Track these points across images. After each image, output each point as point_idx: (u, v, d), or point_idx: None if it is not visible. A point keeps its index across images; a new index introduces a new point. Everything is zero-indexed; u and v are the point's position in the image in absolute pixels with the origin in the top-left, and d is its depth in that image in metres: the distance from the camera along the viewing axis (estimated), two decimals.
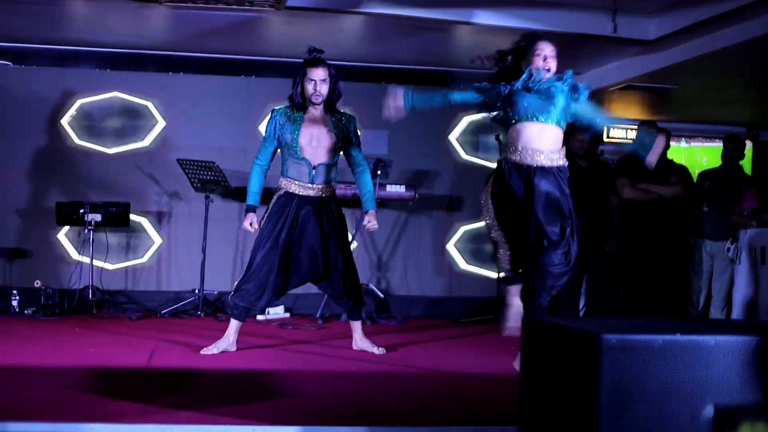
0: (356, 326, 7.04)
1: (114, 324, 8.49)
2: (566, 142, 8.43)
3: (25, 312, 8.96)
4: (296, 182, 6.70)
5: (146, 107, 10.02)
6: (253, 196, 6.76)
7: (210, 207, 9.29)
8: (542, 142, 5.72)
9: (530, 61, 5.83)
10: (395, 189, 9.58)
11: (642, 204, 8.43)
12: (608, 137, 11.72)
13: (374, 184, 8.96)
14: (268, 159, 6.81)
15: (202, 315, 9.11)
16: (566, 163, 5.85)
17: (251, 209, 6.71)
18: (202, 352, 6.63)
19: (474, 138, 10.51)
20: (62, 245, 9.71)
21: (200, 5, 7.66)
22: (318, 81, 6.58)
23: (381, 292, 9.87)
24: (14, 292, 9.14)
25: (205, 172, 9.16)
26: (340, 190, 9.15)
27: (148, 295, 9.75)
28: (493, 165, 6.70)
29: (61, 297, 9.13)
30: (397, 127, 9.22)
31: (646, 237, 8.43)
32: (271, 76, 10.09)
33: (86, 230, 9.18)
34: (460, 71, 10.19)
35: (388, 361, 6.58)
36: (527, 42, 5.91)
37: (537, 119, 5.73)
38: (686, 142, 12.31)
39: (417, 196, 9.70)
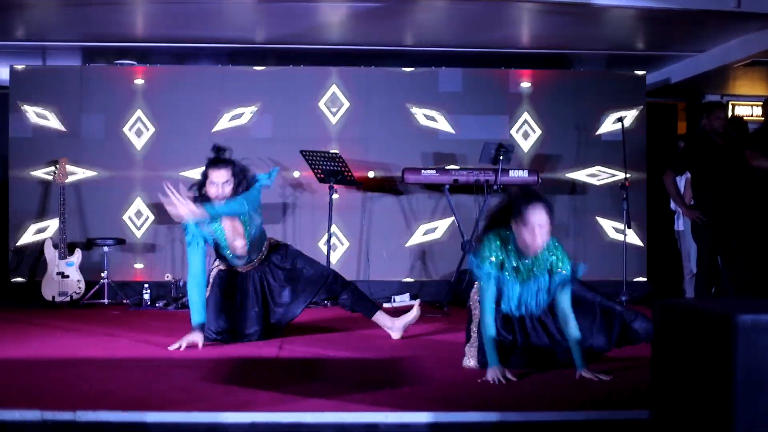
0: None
1: None
2: (706, 118, 8.31)
3: (157, 305, 9.17)
4: (233, 267, 6.94)
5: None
6: (197, 313, 6.48)
7: (333, 197, 9.36)
8: None
9: (519, 230, 5.34)
10: (518, 174, 9.49)
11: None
12: (733, 114, 11.47)
13: (497, 170, 8.96)
14: (202, 265, 6.57)
15: (328, 305, 9.18)
16: None
17: (198, 327, 6.44)
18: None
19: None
20: None
21: None
22: (220, 184, 6.43)
23: None
24: (145, 285, 9.36)
25: (328, 163, 9.23)
26: (462, 177, 9.17)
27: None
28: None
29: None
30: (518, 113, 9.18)
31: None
32: (389, 65, 10.14)
33: None
34: (579, 53, 10.12)
35: None
36: (518, 203, 5.34)
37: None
38: None
39: (540, 180, 9.62)
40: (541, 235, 5.27)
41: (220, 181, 6.43)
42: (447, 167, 9.79)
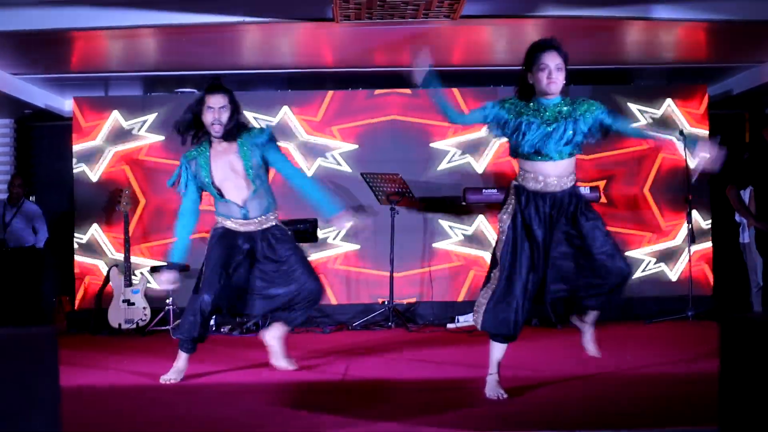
0: None
1: (308, 338, 8.66)
2: (762, 131, 8.20)
3: (222, 330, 9.23)
4: (231, 219, 6.36)
5: None
6: (178, 251, 6.39)
7: (395, 218, 9.37)
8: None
9: (536, 77, 5.30)
10: (580, 190, 9.41)
11: None
12: None
13: None
14: (193, 204, 6.36)
15: (392, 326, 9.20)
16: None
17: (173, 266, 6.34)
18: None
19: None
20: None
21: (376, 21, 7.75)
22: (216, 108, 6.13)
23: None
24: None
25: (389, 185, 9.25)
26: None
27: (339, 309, 9.92)
28: None
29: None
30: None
31: None
32: (445, 85, 10.14)
33: None
34: (638, 68, 10.06)
35: (574, 369, 6.50)
36: (528, 53, 5.37)
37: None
38: None
39: (602, 196, 9.56)
40: (557, 77, 5.26)
41: (217, 105, 6.12)
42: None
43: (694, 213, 9.46)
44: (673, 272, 10.23)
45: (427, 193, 10.03)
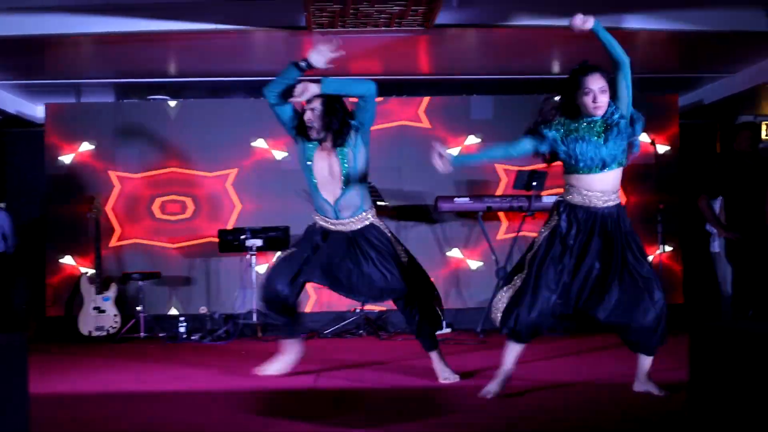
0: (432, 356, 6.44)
1: (279, 346, 8.64)
2: (732, 141, 8.29)
3: (193, 338, 9.21)
4: (324, 218, 6.34)
5: None
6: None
7: None
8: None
9: (581, 100, 5.49)
10: (552, 200, 9.46)
11: None
12: (767, 134, 11.42)
13: (530, 197, 8.97)
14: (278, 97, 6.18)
15: (364, 334, 9.20)
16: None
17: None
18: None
19: None
20: (225, 271, 9.97)
21: (349, 29, 7.76)
22: (308, 110, 6.13)
23: None
24: (181, 319, 9.40)
25: None
26: (495, 204, 9.18)
27: (310, 316, 9.90)
28: None
29: (226, 322, 9.35)
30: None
31: None
32: (421, 94, 10.17)
33: (248, 255, 9.40)
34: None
35: (545, 375, 6.52)
36: (573, 77, 5.57)
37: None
38: None
39: None
40: (601, 100, 5.45)
41: (309, 107, 6.10)
42: (480, 194, 9.81)
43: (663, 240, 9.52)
44: None
45: (399, 201, 10.03)
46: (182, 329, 9.31)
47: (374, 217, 6.35)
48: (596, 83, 5.45)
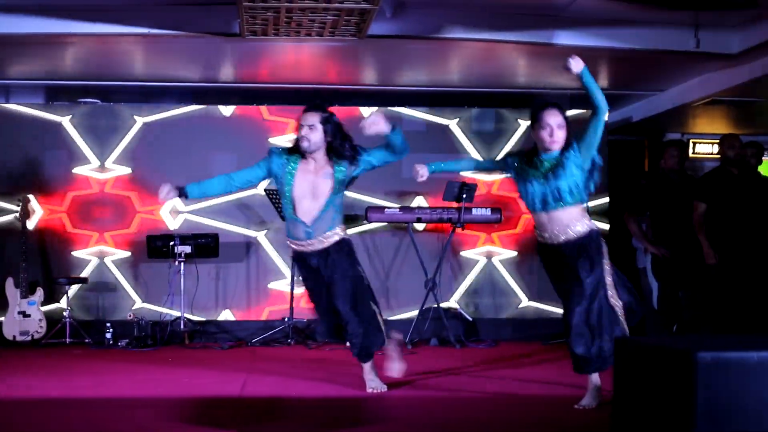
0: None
1: (206, 354, 8.61)
2: (660, 158, 8.42)
3: (119, 344, 9.11)
4: (296, 242, 6.33)
5: None
6: (193, 185, 6.21)
7: None
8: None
9: (537, 134, 5.57)
10: (481, 212, 9.57)
11: (724, 217, 8.23)
12: (693, 152, 11.60)
13: (460, 209, 9.04)
14: (244, 179, 6.33)
15: (292, 343, 9.18)
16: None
17: (181, 191, 6.16)
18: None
19: None
20: (155, 278, 9.88)
21: (282, 37, 7.75)
22: (306, 126, 6.11)
23: (469, 315, 9.86)
24: (108, 324, 9.30)
25: None
26: (425, 215, 9.23)
27: (238, 325, 9.86)
28: None
29: (153, 328, 9.27)
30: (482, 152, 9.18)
31: (731, 249, 8.22)
32: (356, 104, 10.16)
33: (176, 262, 9.34)
34: (538, 92, 10.18)
35: (474, 387, 6.56)
36: (532, 112, 5.64)
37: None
38: None
39: (502, 218, 9.69)
40: (558, 136, 5.50)
41: (306, 123, 6.10)
42: (411, 206, 9.85)
43: None
44: None
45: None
46: (108, 335, 9.20)
47: (343, 232, 6.33)
48: (554, 118, 5.51)
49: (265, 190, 9.39)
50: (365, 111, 10.03)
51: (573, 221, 5.55)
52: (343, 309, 6.20)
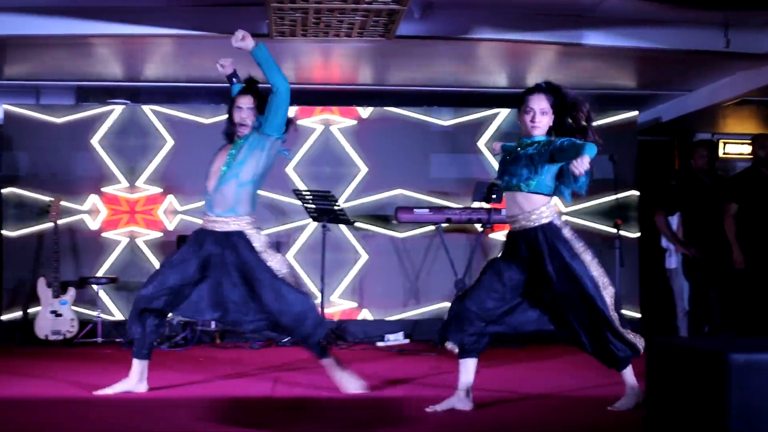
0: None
1: (237, 353, 8.64)
2: (691, 157, 8.37)
3: None
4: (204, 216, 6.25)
5: None
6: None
7: (327, 236, 9.33)
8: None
9: (522, 118, 5.48)
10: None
11: (756, 217, 8.20)
12: (723, 153, 11.54)
13: (489, 209, 9.00)
14: None
15: (323, 343, 9.18)
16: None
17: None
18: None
19: None
20: None
21: (310, 38, 7.77)
22: (244, 108, 6.20)
23: None
24: None
25: (322, 202, 9.23)
26: (455, 216, 9.22)
27: None
28: None
29: (184, 328, 9.31)
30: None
31: (762, 249, 8.18)
32: (386, 105, 10.17)
33: None
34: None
35: (506, 387, 6.56)
36: (522, 93, 5.54)
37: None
38: None
39: None
40: (540, 121, 5.39)
41: (245, 105, 6.19)
42: (440, 206, 9.85)
43: (624, 233, 9.58)
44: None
45: (358, 212, 10.01)
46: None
47: (250, 228, 6.15)
48: (538, 103, 5.40)
49: (294, 190, 9.41)
50: (396, 111, 10.08)
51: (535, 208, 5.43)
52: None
